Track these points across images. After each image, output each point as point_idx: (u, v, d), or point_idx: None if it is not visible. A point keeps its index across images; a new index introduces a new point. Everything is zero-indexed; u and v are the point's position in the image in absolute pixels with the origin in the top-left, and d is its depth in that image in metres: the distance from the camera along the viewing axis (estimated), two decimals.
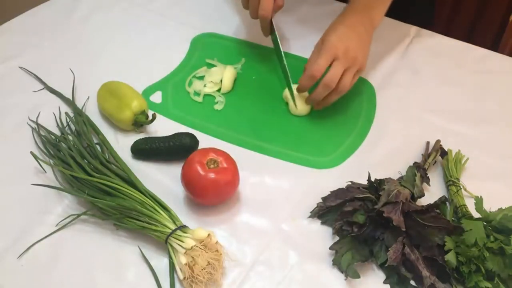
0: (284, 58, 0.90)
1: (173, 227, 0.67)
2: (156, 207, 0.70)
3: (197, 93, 0.92)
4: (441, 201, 0.71)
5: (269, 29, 0.92)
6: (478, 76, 0.95)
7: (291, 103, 0.88)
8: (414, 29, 1.04)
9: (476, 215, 0.69)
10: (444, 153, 0.80)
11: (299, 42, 1.01)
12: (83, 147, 0.78)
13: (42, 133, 0.83)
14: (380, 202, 0.68)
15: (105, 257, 0.70)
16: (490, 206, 0.69)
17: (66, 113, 0.87)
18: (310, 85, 0.83)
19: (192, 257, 0.64)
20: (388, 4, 0.88)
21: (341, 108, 0.88)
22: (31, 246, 0.70)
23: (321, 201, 0.74)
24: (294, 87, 0.87)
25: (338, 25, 0.85)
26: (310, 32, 1.04)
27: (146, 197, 0.71)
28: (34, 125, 0.85)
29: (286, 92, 0.89)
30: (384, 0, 0.88)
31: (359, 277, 0.65)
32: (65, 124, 0.85)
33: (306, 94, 0.87)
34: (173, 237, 0.66)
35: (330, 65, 0.81)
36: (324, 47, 0.81)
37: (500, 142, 0.84)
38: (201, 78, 0.95)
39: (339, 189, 0.74)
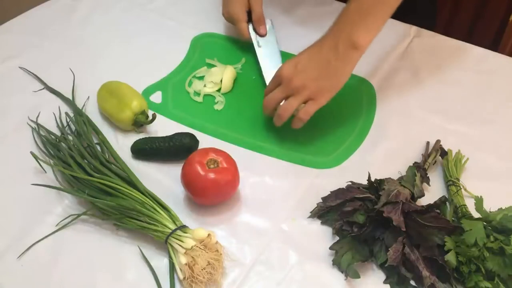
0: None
1: (173, 227, 0.67)
2: (156, 207, 0.70)
3: (197, 93, 0.92)
4: (441, 201, 0.71)
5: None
6: (478, 76, 0.95)
7: None
8: (414, 29, 1.04)
9: (476, 215, 0.69)
10: (444, 153, 0.80)
11: (298, 42, 1.01)
12: (83, 147, 0.78)
13: (42, 133, 0.83)
14: (380, 202, 0.68)
15: (105, 257, 0.70)
16: (490, 206, 0.69)
17: (66, 113, 0.87)
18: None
19: (192, 257, 0.64)
20: (380, 21, 0.77)
21: (341, 108, 0.88)
22: (31, 246, 0.70)
23: (321, 201, 0.74)
24: None
25: (308, 48, 0.80)
26: (310, 32, 1.04)
27: (146, 197, 0.71)
28: (34, 125, 0.85)
29: None
30: (372, 19, 0.76)
31: (359, 277, 0.65)
32: (65, 124, 0.85)
33: None
34: (173, 237, 0.66)
35: None
36: (276, 71, 0.80)
37: (500, 142, 0.84)
38: (201, 78, 0.95)
39: (339, 189, 0.74)
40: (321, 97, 0.78)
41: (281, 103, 0.80)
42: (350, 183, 0.75)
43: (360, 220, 0.69)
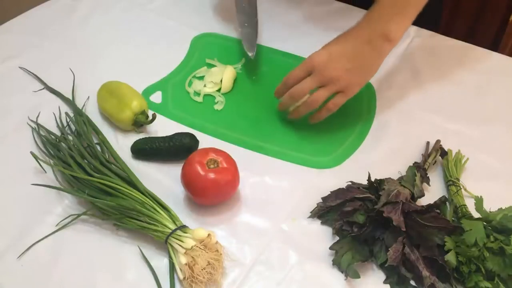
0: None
1: (173, 227, 0.67)
2: (156, 207, 0.70)
3: (197, 93, 0.92)
4: (441, 201, 0.71)
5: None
6: (478, 76, 0.95)
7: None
8: (414, 29, 1.04)
9: (476, 215, 0.69)
10: (444, 153, 0.80)
11: (298, 42, 1.01)
12: (83, 147, 0.78)
13: (42, 133, 0.83)
14: (380, 202, 0.68)
15: (105, 257, 0.70)
16: (490, 206, 0.69)
17: (66, 113, 0.87)
18: (282, 91, 0.83)
19: (192, 257, 0.64)
20: (412, 15, 0.77)
21: (341, 108, 0.88)
22: (31, 246, 0.70)
23: (321, 201, 0.74)
24: None
25: (339, 37, 0.80)
26: (310, 32, 1.04)
27: (146, 197, 0.71)
28: (34, 125, 0.85)
29: None
30: (406, 12, 0.77)
31: (359, 277, 0.65)
32: (65, 124, 0.85)
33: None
34: (173, 237, 0.66)
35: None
36: (306, 58, 0.80)
37: (500, 142, 0.84)
38: (201, 78, 0.95)
39: (339, 189, 0.74)
40: (350, 90, 0.79)
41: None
42: (350, 183, 0.75)
43: (360, 220, 0.69)
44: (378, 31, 0.76)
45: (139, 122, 0.84)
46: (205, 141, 0.82)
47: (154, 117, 0.83)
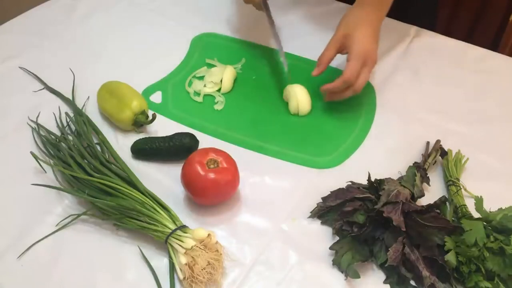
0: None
1: (173, 227, 0.67)
2: (156, 207, 0.70)
3: (197, 93, 0.92)
4: (441, 201, 0.71)
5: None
6: (478, 76, 0.95)
7: (291, 102, 0.88)
8: (414, 29, 1.04)
9: (476, 215, 0.69)
10: (444, 153, 0.80)
11: (298, 42, 1.01)
12: (83, 147, 0.78)
13: (42, 133, 0.83)
14: (380, 202, 0.68)
15: (105, 257, 0.70)
16: (490, 206, 0.69)
17: (66, 113, 0.87)
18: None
19: (192, 257, 0.64)
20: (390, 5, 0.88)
21: (341, 108, 0.88)
22: (31, 246, 0.70)
23: (321, 201, 0.74)
24: (292, 87, 0.88)
25: (362, 24, 0.84)
26: (310, 32, 1.05)
27: (146, 197, 0.71)
28: (34, 125, 0.85)
29: (286, 92, 0.89)
30: (388, 1, 0.87)
31: (359, 277, 0.65)
32: (65, 124, 0.85)
33: (304, 95, 0.87)
34: (173, 237, 0.66)
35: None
36: (355, 48, 0.82)
37: (500, 142, 0.84)
38: (201, 78, 0.95)
39: (339, 189, 0.74)
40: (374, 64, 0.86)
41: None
42: (350, 183, 0.75)
43: (360, 220, 0.69)
44: (380, 16, 0.86)
45: (139, 122, 0.84)
46: (205, 141, 0.82)
47: (154, 117, 0.83)
